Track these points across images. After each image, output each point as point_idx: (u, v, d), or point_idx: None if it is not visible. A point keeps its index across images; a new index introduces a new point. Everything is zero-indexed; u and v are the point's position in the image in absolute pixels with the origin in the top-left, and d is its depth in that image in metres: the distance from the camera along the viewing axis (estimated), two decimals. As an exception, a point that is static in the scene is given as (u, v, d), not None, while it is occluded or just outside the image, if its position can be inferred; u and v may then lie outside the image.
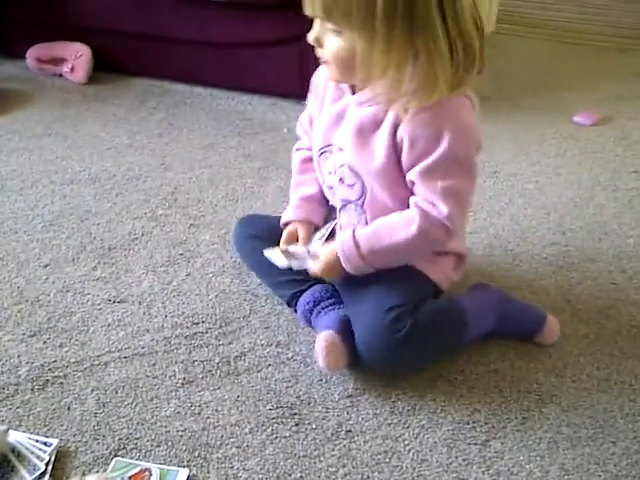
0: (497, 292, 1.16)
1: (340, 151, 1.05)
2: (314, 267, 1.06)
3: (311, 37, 0.95)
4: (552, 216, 1.46)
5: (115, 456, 0.95)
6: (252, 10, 1.81)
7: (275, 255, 1.09)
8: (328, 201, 1.14)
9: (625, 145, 1.74)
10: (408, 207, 1.00)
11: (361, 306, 1.05)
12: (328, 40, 0.93)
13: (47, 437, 0.96)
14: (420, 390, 1.05)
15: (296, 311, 1.15)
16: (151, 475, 0.92)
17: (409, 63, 0.90)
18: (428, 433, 0.98)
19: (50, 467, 0.92)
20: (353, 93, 1.02)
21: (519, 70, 2.18)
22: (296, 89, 1.68)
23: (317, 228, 1.13)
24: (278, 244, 1.12)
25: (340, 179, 1.06)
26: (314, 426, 0.99)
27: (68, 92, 1.96)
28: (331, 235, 1.10)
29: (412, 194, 1.01)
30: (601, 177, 1.61)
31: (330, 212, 1.15)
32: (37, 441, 0.96)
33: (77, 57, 2.00)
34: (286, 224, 1.14)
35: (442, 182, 0.96)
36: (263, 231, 1.19)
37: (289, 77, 1.84)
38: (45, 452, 0.94)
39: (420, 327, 1.01)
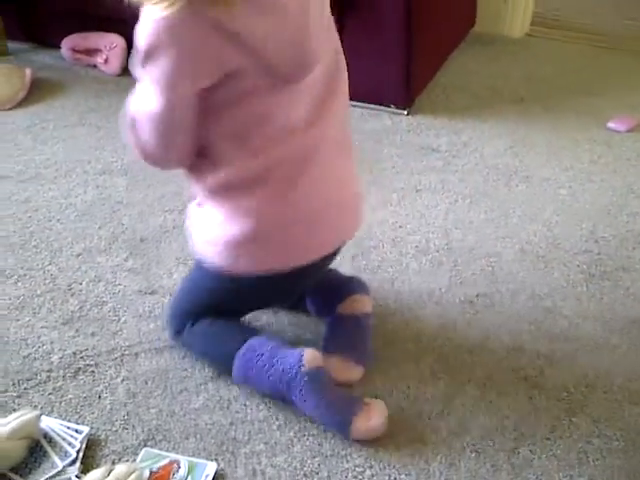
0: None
1: None
2: None
3: None
4: (585, 223, 1.45)
5: (144, 446, 0.96)
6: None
7: None
8: None
9: (660, 153, 1.72)
10: None
11: None
12: None
13: (78, 424, 0.98)
14: (449, 394, 1.04)
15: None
16: (179, 467, 0.93)
17: None
18: (456, 438, 0.98)
19: (81, 454, 0.94)
20: None
21: (552, 73, 2.15)
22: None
23: None
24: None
25: None
26: (342, 425, 0.99)
27: (102, 83, 1.97)
28: None
29: None
30: (635, 185, 1.58)
31: None
32: (69, 428, 0.97)
33: (111, 48, 2.01)
34: None
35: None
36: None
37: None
38: (76, 439, 0.95)
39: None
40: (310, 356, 0.96)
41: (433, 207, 1.47)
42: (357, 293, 1.11)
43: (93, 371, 1.07)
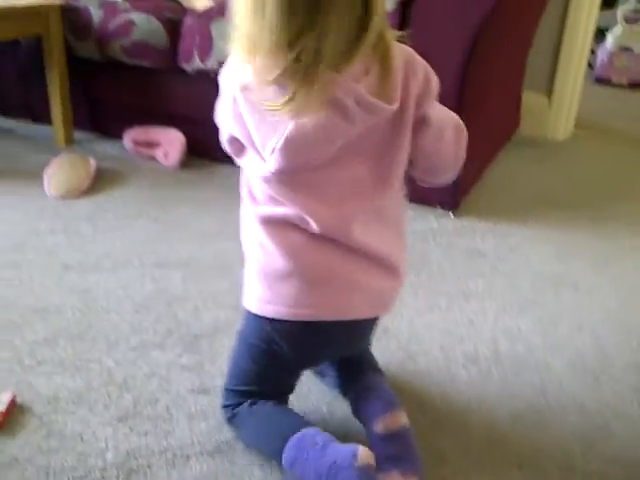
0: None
1: None
2: None
3: None
4: (634, 335, 1.44)
5: None
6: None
7: None
8: None
9: None
10: None
11: None
12: None
13: (129, 528, 0.98)
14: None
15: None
16: None
17: None
18: None
19: None
20: None
21: (596, 177, 2.19)
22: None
23: None
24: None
25: None
26: None
27: (161, 176, 2.08)
28: None
29: None
30: (684, 296, 1.58)
31: None
32: (121, 533, 0.98)
33: (171, 143, 2.13)
34: None
35: None
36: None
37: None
38: None
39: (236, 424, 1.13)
40: (364, 453, 0.96)
41: (481, 313, 1.49)
42: (388, 411, 1.10)
43: (145, 473, 1.08)
